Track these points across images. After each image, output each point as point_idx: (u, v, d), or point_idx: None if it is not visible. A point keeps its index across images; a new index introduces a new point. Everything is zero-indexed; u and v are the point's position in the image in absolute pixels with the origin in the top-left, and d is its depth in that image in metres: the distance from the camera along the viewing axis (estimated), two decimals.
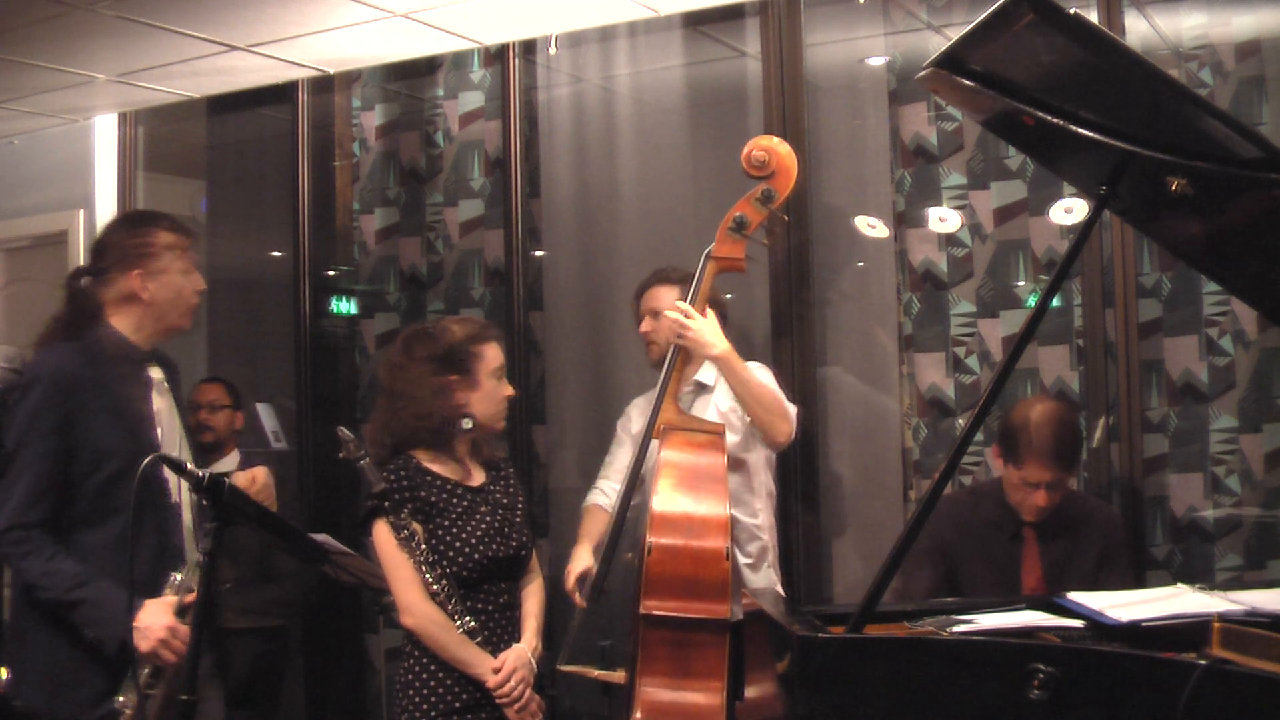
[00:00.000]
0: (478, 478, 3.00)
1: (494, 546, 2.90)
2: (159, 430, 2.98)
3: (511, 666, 2.84)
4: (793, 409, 3.35)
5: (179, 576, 2.75)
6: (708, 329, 3.10)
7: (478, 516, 2.91)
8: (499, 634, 2.90)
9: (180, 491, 2.96)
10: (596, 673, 3.19)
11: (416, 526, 2.83)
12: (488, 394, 2.97)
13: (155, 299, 2.98)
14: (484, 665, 2.83)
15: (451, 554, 2.86)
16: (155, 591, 2.74)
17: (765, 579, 3.40)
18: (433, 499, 2.87)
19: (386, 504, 2.81)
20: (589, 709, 3.89)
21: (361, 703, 4.83)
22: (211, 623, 2.59)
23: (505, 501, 3.01)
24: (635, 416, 3.64)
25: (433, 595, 2.81)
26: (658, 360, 3.46)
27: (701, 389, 3.45)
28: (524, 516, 3.05)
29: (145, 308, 2.98)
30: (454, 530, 2.87)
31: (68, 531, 2.76)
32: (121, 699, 2.67)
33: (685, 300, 3.14)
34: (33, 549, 2.71)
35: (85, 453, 2.81)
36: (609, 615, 3.55)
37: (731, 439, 3.21)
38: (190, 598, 2.71)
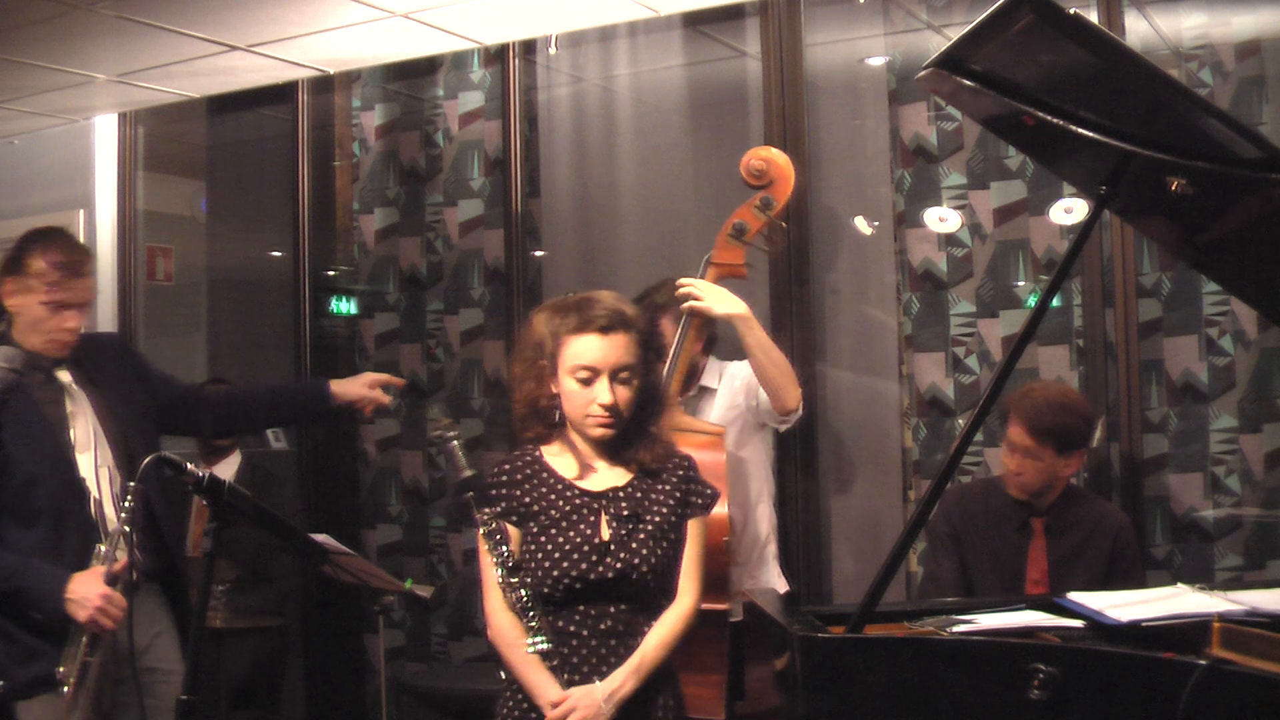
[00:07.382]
0: (603, 481, 2.55)
1: (583, 565, 2.44)
2: (72, 433, 3.03)
3: (570, 706, 2.39)
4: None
5: (102, 548, 2.85)
6: (720, 294, 3.12)
7: (581, 526, 2.49)
8: (592, 663, 2.45)
9: (100, 487, 3.02)
10: None
11: (507, 526, 2.48)
12: (566, 393, 2.52)
13: (20, 312, 3.00)
14: (545, 695, 2.41)
15: (533, 565, 2.47)
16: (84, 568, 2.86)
17: (767, 577, 3.39)
18: (527, 499, 2.52)
19: (472, 494, 2.49)
20: None
21: (361, 703, 4.83)
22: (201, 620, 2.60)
23: (637, 512, 2.51)
24: None
25: (511, 605, 2.44)
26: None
27: (704, 392, 3.44)
28: (657, 531, 2.50)
29: (15, 318, 3.02)
30: (541, 539, 2.49)
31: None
32: (62, 669, 2.76)
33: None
34: None
35: (4, 460, 2.90)
36: None
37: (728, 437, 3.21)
38: (119, 565, 2.80)
